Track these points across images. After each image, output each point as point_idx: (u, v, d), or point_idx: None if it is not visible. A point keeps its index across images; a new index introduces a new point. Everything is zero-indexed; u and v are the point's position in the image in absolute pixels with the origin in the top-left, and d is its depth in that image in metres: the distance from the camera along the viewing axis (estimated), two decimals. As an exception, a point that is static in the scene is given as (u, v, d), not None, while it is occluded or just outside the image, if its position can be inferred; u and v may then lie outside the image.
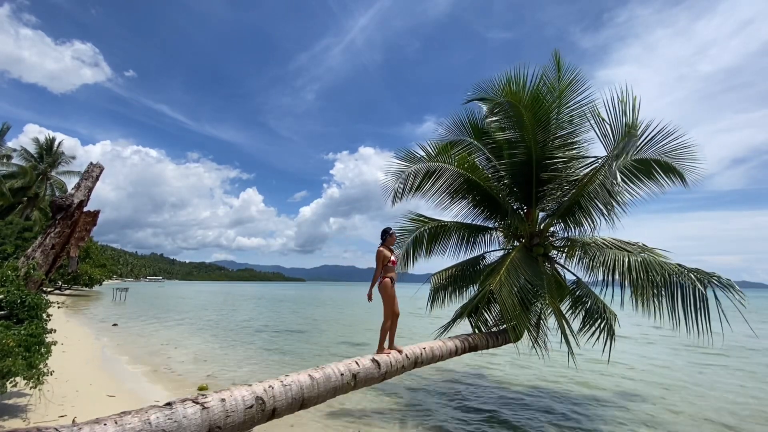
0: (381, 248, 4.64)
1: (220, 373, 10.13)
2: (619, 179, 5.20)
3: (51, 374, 5.31)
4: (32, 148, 33.42)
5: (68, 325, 17.62)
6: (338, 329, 20.67)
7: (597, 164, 6.63)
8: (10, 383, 4.83)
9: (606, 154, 6.35)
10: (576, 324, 6.89)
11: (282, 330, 19.43)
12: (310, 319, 26.45)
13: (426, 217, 8.08)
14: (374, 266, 4.58)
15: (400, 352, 4.52)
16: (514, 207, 7.49)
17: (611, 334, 6.80)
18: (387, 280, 4.51)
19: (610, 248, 6.50)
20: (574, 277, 7.09)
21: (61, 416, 5.63)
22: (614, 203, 6.17)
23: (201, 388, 8.24)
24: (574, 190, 6.71)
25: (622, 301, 5.72)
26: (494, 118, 7.09)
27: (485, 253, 7.94)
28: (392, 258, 4.61)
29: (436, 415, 7.18)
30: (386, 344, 4.56)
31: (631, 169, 6.50)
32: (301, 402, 3.35)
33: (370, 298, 4.59)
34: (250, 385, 3.15)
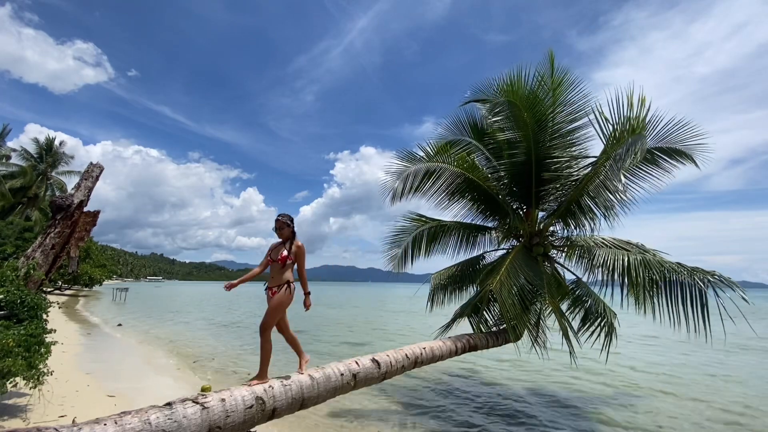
0: (300, 242, 3.73)
1: (220, 372, 10.13)
2: (623, 181, 5.14)
3: (51, 374, 5.31)
4: (32, 148, 33.44)
5: (68, 325, 17.63)
6: (338, 329, 20.66)
7: (598, 164, 6.61)
8: (10, 383, 4.83)
9: (608, 154, 6.32)
10: (576, 323, 6.90)
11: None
12: (310, 319, 26.46)
13: (426, 217, 8.08)
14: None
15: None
16: (514, 207, 7.49)
17: (611, 333, 6.80)
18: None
19: (610, 248, 6.49)
20: (574, 277, 7.09)
21: (61, 416, 5.63)
22: (616, 203, 6.15)
23: (204, 389, 8.24)
24: (573, 190, 6.70)
25: (622, 301, 5.72)
26: (494, 119, 7.09)
27: (485, 252, 7.93)
28: (282, 253, 3.61)
29: (435, 415, 7.19)
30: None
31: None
32: (301, 402, 3.35)
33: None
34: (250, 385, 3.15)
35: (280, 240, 3.73)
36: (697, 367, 12.08)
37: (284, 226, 3.68)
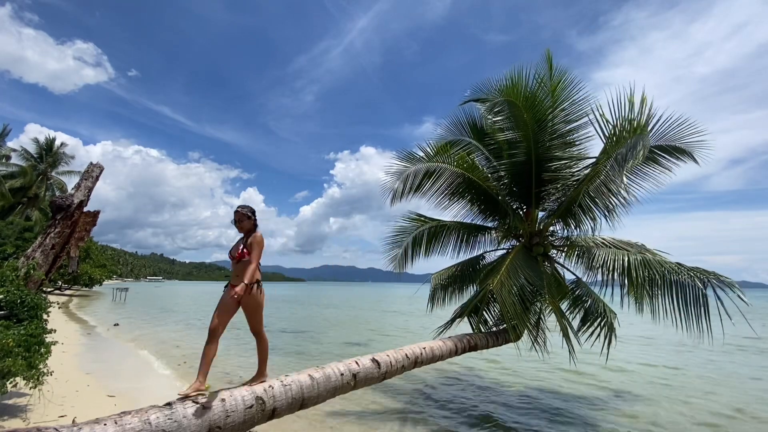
0: (259, 233, 3.37)
1: (221, 372, 10.12)
2: (625, 182, 5.12)
3: (51, 374, 5.31)
4: (32, 148, 33.44)
5: (68, 325, 17.63)
6: (338, 329, 20.67)
7: (598, 164, 6.61)
8: (10, 383, 4.83)
9: (609, 153, 6.31)
10: (576, 323, 6.88)
11: (282, 330, 19.43)
12: (310, 319, 26.48)
13: (426, 217, 8.08)
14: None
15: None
16: (514, 207, 7.49)
17: (611, 333, 6.79)
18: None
19: (610, 247, 6.49)
20: (574, 277, 7.09)
21: (61, 416, 5.63)
22: (618, 203, 6.14)
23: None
24: (573, 190, 6.70)
25: (622, 301, 5.71)
26: (494, 119, 7.09)
27: (485, 252, 7.94)
28: (239, 249, 3.30)
29: (435, 416, 7.18)
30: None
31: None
32: (301, 402, 3.35)
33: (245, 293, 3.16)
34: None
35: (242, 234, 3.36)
36: (692, 368, 12.04)
37: (244, 218, 3.30)
